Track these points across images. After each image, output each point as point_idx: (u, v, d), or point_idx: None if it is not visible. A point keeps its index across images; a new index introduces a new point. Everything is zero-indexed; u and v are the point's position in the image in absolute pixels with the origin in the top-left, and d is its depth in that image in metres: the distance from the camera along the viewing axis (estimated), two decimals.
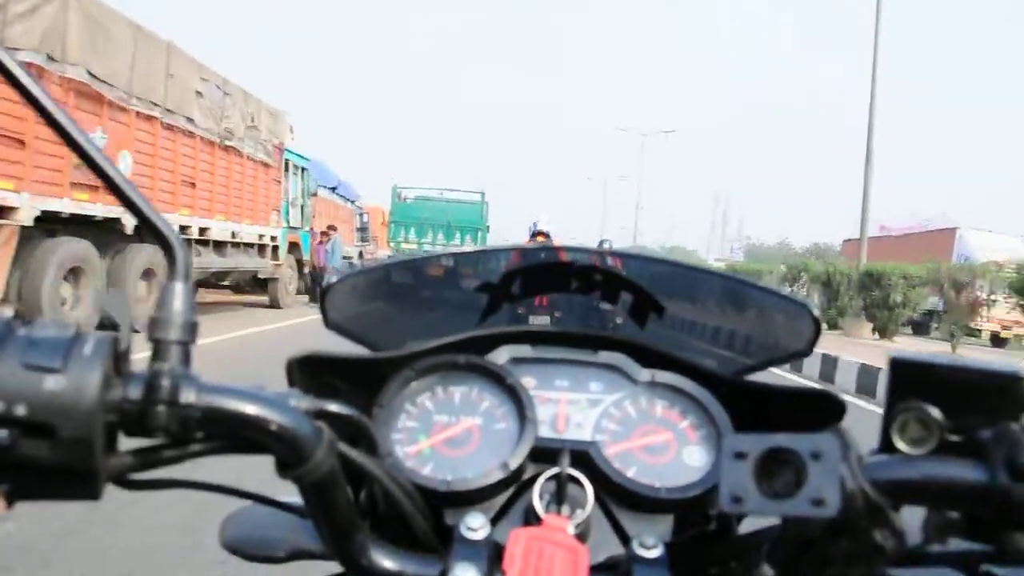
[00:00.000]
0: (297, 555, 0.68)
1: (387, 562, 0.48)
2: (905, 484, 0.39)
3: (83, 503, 0.39)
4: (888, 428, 0.42)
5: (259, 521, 0.73)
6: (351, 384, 0.63)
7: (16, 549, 3.08)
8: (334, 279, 0.69)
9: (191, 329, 0.42)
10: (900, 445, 0.41)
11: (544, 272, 0.74)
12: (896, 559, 0.41)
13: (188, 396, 0.39)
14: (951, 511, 0.41)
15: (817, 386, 0.62)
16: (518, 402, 0.61)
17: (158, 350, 0.41)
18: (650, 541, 0.48)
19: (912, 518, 0.41)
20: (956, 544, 0.42)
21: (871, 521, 0.39)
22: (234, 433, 0.42)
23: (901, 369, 0.42)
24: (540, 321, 0.78)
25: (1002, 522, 0.39)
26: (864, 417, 5.31)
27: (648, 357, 0.68)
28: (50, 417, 0.35)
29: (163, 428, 0.39)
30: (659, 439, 0.61)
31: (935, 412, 0.40)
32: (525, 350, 0.68)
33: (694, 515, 0.58)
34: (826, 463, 0.38)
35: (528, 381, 0.64)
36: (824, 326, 0.65)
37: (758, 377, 0.68)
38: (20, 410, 0.35)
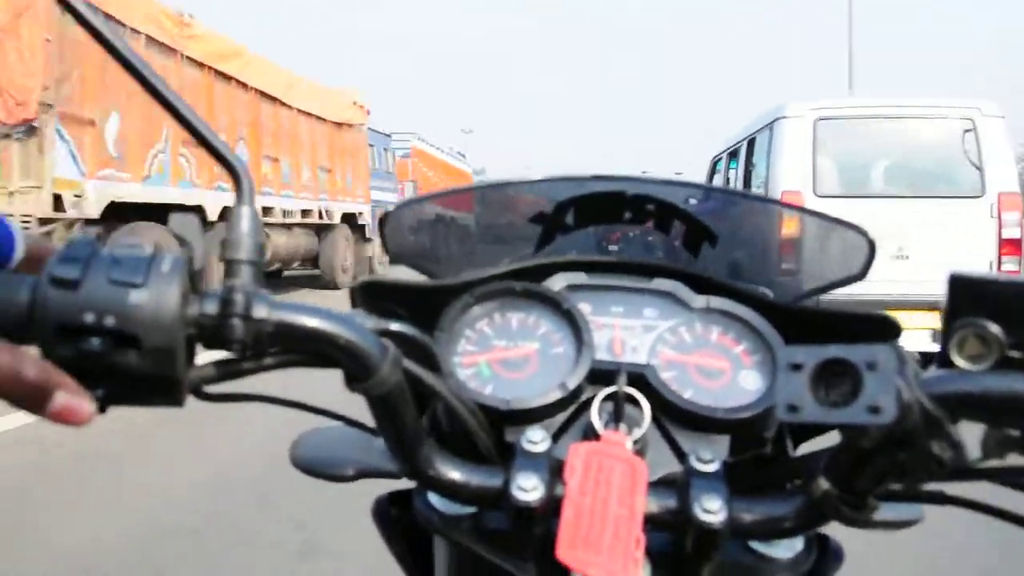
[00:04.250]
0: (365, 474, 0.72)
1: (453, 473, 0.51)
2: (963, 397, 0.39)
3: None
4: (946, 345, 0.42)
5: (328, 442, 0.76)
6: (411, 311, 0.65)
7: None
8: (393, 207, 0.71)
9: (259, 249, 0.44)
10: (958, 361, 0.41)
11: (598, 202, 0.74)
12: (954, 472, 0.41)
13: (260, 311, 0.42)
14: (1009, 427, 0.41)
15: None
16: (575, 327, 0.62)
17: (230, 269, 0.43)
18: (707, 455, 0.49)
19: (969, 434, 0.41)
20: (1014, 460, 0.42)
21: (928, 433, 0.39)
22: (304, 347, 0.44)
23: (959, 285, 0.42)
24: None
25: None
26: None
27: (702, 285, 0.68)
28: (136, 328, 0.38)
29: (239, 340, 0.41)
30: (714, 364, 0.62)
31: (994, 328, 0.40)
32: (580, 277, 0.69)
33: (749, 437, 0.59)
34: (882, 373, 0.38)
35: (584, 307, 0.65)
36: None
37: None
38: (110, 321, 0.38)
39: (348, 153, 13.82)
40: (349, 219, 13.70)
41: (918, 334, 4.90)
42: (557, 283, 0.68)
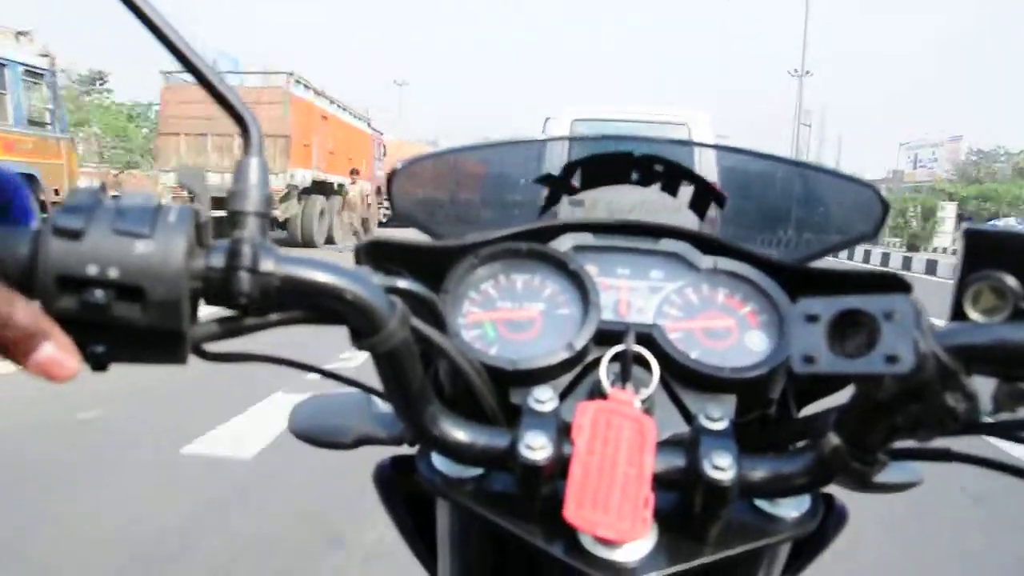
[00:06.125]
0: (363, 441, 0.71)
1: (459, 433, 0.50)
2: (977, 349, 0.39)
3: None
4: (960, 298, 0.41)
5: (325, 411, 0.75)
6: (415, 272, 0.64)
7: None
8: (400, 165, 0.70)
9: (266, 201, 0.43)
10: (972, 315, 0.41)
11: (605, 163, 0.74)
12: (966, 425, 0.41)
13: (267, 264, 0.40)
14: (1022, 380, 0.41)
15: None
16: (581, 288, 0.62)
17: (237, 221, 0.42)
18: (716, 414, 0.48)
19: (982, 389, 0.41)
20: None
21: (943, 385, 0.39)
22: (311, 302, 0.43)
23: (975, 239, 0.41)
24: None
25: None
26: None
27: (709, 246, 0.67)
28: (140, 280, 0.37)
29: (245, 294, 0.40)
30: (721, 324, 0.62)
31: (1010, 280, 0.40)
32: (587, 238, 0.68)
33: (755, 398, 0.59)
34: (899, 322, 0.37)
35: (590, 268, 0.65)
36: None
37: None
38: (113, 273, 0.37)
39: None
40: None
41: None
42: (564, 244, 0.67)
